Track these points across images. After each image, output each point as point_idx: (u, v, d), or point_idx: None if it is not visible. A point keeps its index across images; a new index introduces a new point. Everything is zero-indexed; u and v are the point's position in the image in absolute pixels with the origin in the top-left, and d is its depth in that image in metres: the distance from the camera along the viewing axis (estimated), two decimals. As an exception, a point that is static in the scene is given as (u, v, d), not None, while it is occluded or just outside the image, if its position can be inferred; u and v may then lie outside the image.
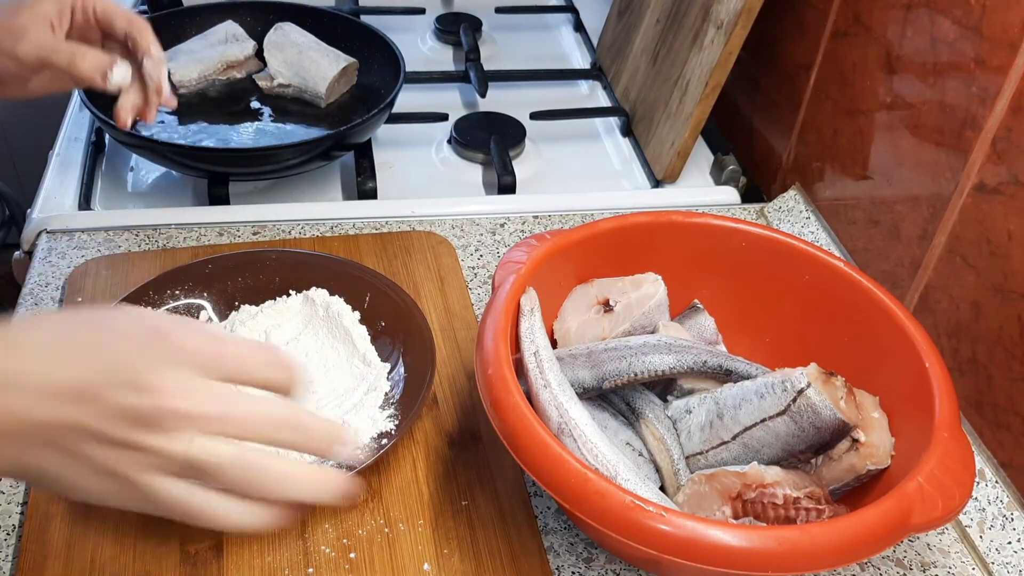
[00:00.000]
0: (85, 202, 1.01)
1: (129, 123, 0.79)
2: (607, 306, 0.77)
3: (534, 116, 1.18)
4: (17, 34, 0.72)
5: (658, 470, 0.68)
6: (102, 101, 1.00)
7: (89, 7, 0.76)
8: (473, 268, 0.95)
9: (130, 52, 0.78)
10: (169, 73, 1.10)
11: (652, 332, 0.76)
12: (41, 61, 0.74)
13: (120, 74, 0.77)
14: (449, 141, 1.16)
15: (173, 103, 0.82)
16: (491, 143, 1.12)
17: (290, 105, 1.13)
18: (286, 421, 0.48)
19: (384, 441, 0.72)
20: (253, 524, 0.48)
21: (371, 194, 1.04)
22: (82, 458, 0.45)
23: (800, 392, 0.65)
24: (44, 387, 0.44)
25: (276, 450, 0.49)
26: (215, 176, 1.01)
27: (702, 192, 1.10)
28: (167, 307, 0.82)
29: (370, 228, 0.99)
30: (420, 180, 1.11)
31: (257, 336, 0.81)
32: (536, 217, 1.03)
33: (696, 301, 0.81)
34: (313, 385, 0.74)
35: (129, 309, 0.50)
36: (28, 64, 0.74)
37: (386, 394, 0.77)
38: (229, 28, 1.16)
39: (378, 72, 1.15)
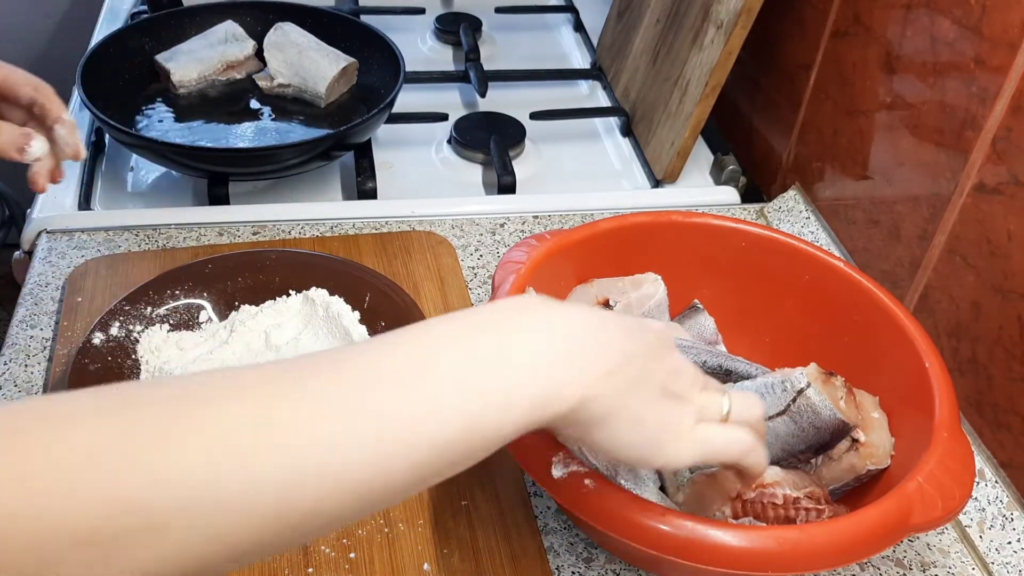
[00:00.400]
0: (85, 202, 1.01)
1: (47, 188, 0.78)
2: (607, 306, 0.77)
3: (534, 116, 1.17)
4: None
5: (658, 470, 0.68)
6: (102, 101, 1.01)
7: None
8: (473, 268, 0.95)
9: (35, 116, 0.76)
10: (169, 73, 1.10)
11: (652, 332, 0.76)
12: None
13: (38, 147, 0.75)
14: (449, 141, 1.16)
15: (84, 154, 0.78)
16: (491, 143, 1.12)
17: (290, 105, 1.13)
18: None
19: (384, 441, 0.71)
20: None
21: (371, 194, 1.04)
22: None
23: (800, 392, 0.65)
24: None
25: None
26: (215, 176, 1.01)
27: (702, 192, 1.10)
28: (167, 307, 0.82)
29: (370, 228, 0.99)
30: (420, 180, 1.11)
31: (257, 336, 0.81)
32: (536, 217, 1.03)
33: (696, 301, 0.81)
34: None
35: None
36: None
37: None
38: (229, 28, 1.16)
39: (378, 72, 1.15)
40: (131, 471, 0.37)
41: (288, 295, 0.84)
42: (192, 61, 1.12)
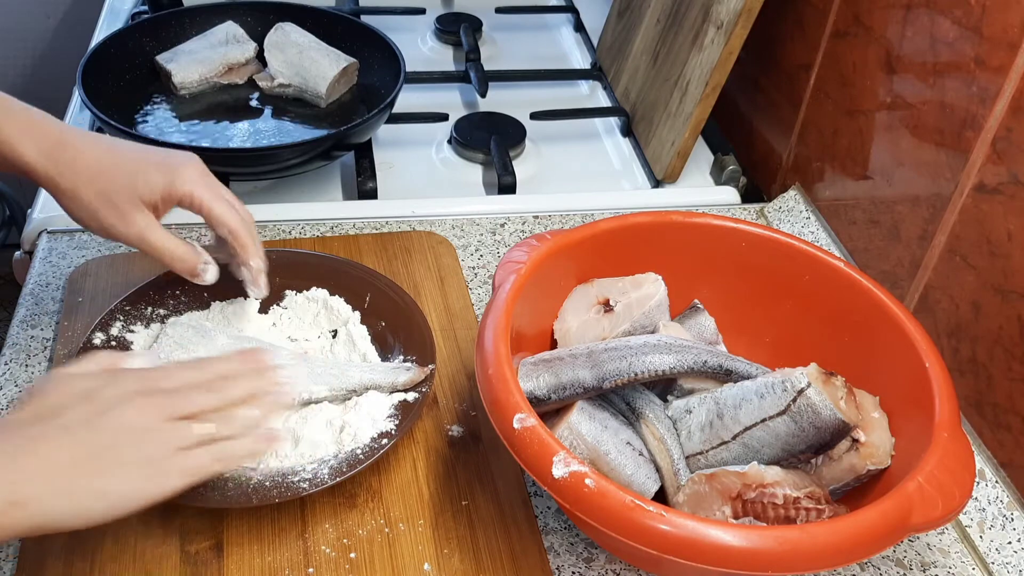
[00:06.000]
0: (85, 202, 1.01)
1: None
2: (607, 306, 0.77)
3: (534, 116, 1.18)
4: (121, 213, 0.72)
5: (658, 470, 0.68)
6: (102, 101, 1.01)
7: (197, 204, 0.74)
8: (473, 268, 0.95)
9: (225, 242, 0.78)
10: (171, 74, 1.10)
11: (652, 332, 0.76)
12: (135, 244, 0.74)
13: (212, 276, 0.77)
14: (449, 141, 1.16)
15: (265, 293, 0.80)
16: (491, 143, 1.12)
17: (290, 105, 1.13)
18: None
19: (384, 441, 0.72)
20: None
21: (371, 194, 1.04)
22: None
23: (800, 392, 0.65)
24: None
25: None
26: (215, 176, 1.01)
27: (702, 192, 1.10)
28: (168, 307, 0.82)
29: (370, 228, 0.99)
30: (420, 180, 1.11)
31: (257, 335, 0.81)
32: (536, 217, 1.03)
33: (696, 301, 0.81)
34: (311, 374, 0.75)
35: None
36: (120, 239, 0.74)
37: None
38: (230, 29, 1.16)
39: (378, 72, 1.15)
40: None
41: (288, 295, 0.84)
42: (193, 63, 1.12)
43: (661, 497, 0.68)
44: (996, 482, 0.74)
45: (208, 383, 0.65)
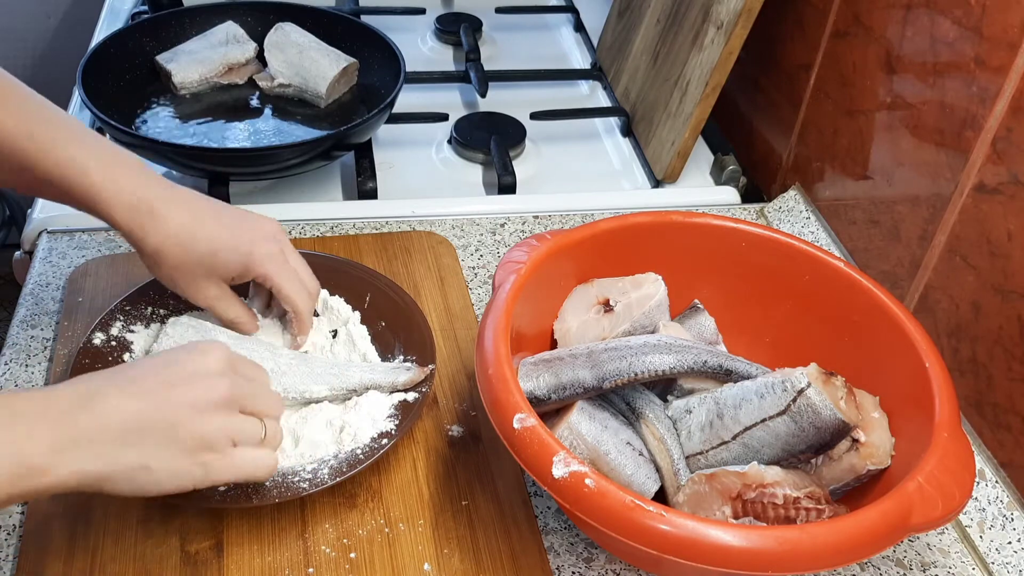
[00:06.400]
0: (85, 202, 1.01)
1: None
2: (607, 306, 0.77)
3: (534, 116, 1.18)
4: (197, 287, 0.75)
5: (658, 470, 0.68)
6: (102, 101, 1.01)
7: (270, 284, 0.76)
8: (473, 268, 0.95)
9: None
10: (171, 74, 1.10)
11: (652, 332, 0.76)
12: (203, 307, 0.77)
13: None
14: (449, 141, 1.16)
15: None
16: (491, 143, 1.12)
17: (290, 105, 1.13)
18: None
19: (384, 441, 0.72)
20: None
21: (371, 194, 1.04)
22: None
23: (800, 392, 0.65)
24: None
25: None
26: (215, 176, 1.01)
27: (702, 192, 1.10)
28: (168, 306, 0.82)
29: (370, 228, 0.99)
30: (420, 180, 1.11)
31: (257, 335, 0.81)
32: (536, 217, 1.03)
33: (696, 301, 0.81)
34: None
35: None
36: (192, 301, 0.77)
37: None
38: (230, 29, 1.16)
39: (378, 72, 1.15)
40: None
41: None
42: (193, 63, 1.12)
43: (661, 497, 0.68)
44: (996, 482, 0.74)
45: (277, 394, 0.68)
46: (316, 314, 0.83)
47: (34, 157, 0.69)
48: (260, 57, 1.16)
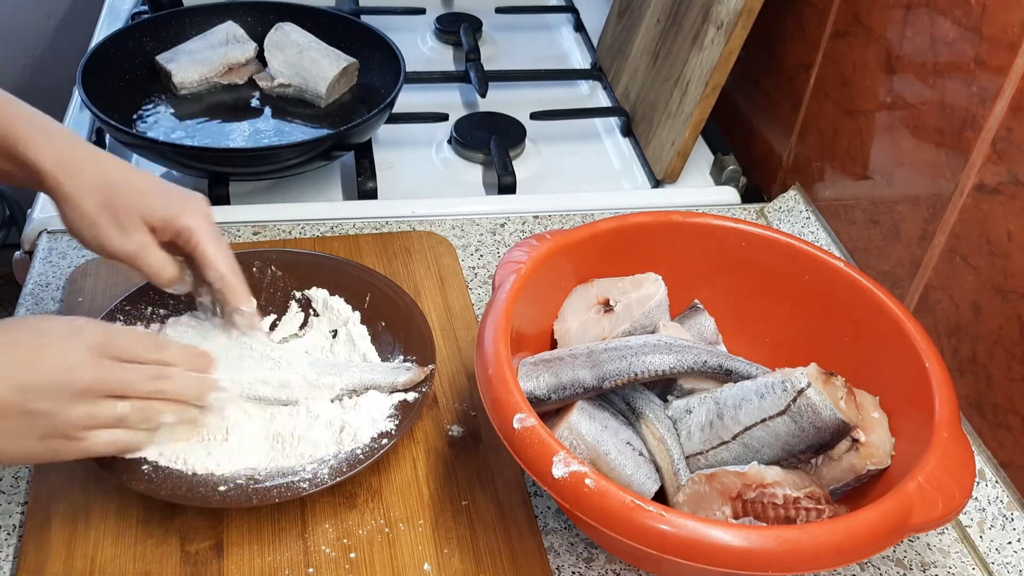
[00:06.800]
0: (85, 202, 1.01)
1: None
2: (607, 306, 0.77)
3: (534, 116, 1.18)
4: (122, 228, 0.71)
5: (658, 470, 0.68)
6: (102, 101, 1.01)
7: (193, 241, 0.72)
8: (473, 268, 0.95)
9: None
10: (171, 74, 1.10)
11: (652, 332, 0.76)
12: (127, 260, 0.72)
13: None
14: (449, 141, 1.16)
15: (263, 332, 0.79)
16: (491, 143, 1.12)
17: (290, 105, 1.13)
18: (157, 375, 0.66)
19: (384, 441, 0.72)
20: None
21: (371, 194, 1.04)
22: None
23: (800, 392, 0.65)
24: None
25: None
26: (215, 176, 1.01)
27: (702, 192, 1.10)
28: (168, 306, 0.82)
29: (370, 228, 0.99)
30: (420, 180, 1.11)
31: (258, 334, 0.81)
32: (536, 217, 1.03)
33: (696, 301, 0.81)
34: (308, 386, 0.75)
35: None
36: (112, 254, 0.72)
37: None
38: (230, 29, 1.16)
39: (378, 72, 1.15)
40: None
41: (289, 295, 0.84)
42: (193, 63, 1.12)
43: (661, 497, 0.68)
44: (996, 482, 0.74)
45: (154, 368, 0.66)
46: (316, 314, 0.83)
47: None
48: (260, 57, 1.16)
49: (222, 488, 0.68)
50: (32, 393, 0.60)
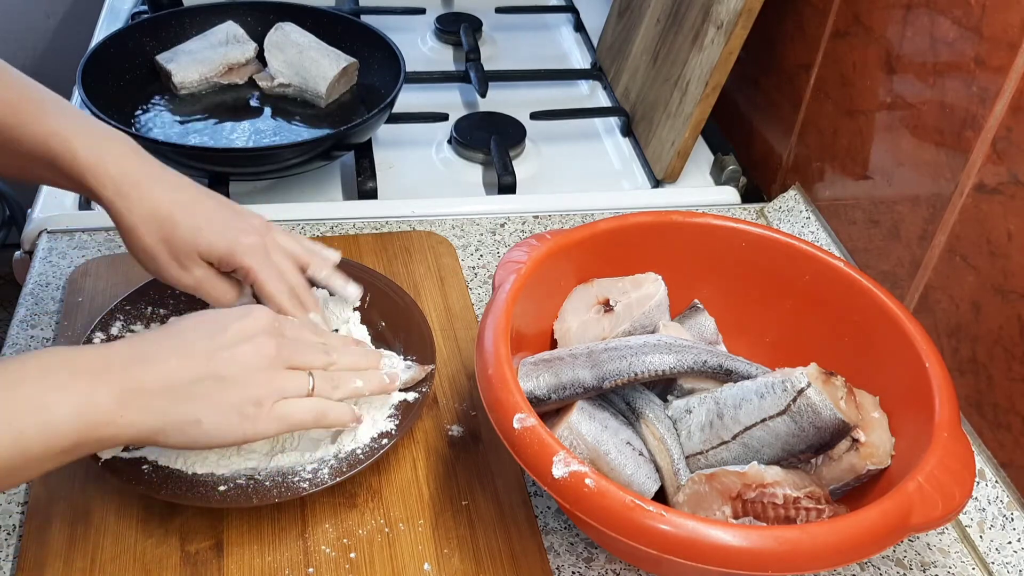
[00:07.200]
0: (86, 202, 1.01)
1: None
2: (607, 306, 0.77)
3: (534, 116, 1.18)
4: (180, 265, 0.72)
5: (658, 470, 0.68)
6: (102, 101, 1.01)
7: (251, 279, 0.73)
8: (473, 268, 0.95)
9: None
10: (171, 74, 1.10)
11: (652, 332, 0.76)
12: (188, 291, 0.74)
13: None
14: (449, 141, 1.16)
15: (357, 294, 0.80)
16: (491, 143, 1.12)
17: (290, 105, 1.13)
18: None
19: (384, 441, 0.72)
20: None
21: (371, 194, 1.04)
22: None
23: (800, 392, 0.65)
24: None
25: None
26: (215, 176, 1.01)
27: (702, 192, 1.10)
28: (168, 306, 0.82)
29: (370, 228, 0.99)
30: (420, 180, 1.11)
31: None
32: (536, 217, 1.03)
33: (696, 301, 0.81)
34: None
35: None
36: (173, 284, 0.74)
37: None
38: (230, 29, 1.16)
39: (378, 72, 1.15)
40: None
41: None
42: (193, 63, 1.12)
43: (661, 497, 0.68)
44: (996, 482, 0.74)
45: (323, 345, 0.69)
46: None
47: (18, 132, 0.68)
48: (260, 57, 1.16)
49: (222, 488, 0.68)
50: (223, 361, 0.62)
